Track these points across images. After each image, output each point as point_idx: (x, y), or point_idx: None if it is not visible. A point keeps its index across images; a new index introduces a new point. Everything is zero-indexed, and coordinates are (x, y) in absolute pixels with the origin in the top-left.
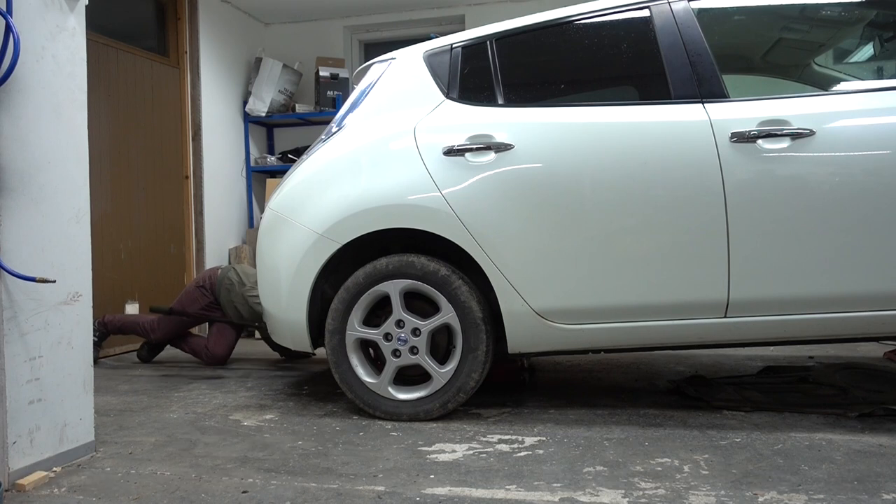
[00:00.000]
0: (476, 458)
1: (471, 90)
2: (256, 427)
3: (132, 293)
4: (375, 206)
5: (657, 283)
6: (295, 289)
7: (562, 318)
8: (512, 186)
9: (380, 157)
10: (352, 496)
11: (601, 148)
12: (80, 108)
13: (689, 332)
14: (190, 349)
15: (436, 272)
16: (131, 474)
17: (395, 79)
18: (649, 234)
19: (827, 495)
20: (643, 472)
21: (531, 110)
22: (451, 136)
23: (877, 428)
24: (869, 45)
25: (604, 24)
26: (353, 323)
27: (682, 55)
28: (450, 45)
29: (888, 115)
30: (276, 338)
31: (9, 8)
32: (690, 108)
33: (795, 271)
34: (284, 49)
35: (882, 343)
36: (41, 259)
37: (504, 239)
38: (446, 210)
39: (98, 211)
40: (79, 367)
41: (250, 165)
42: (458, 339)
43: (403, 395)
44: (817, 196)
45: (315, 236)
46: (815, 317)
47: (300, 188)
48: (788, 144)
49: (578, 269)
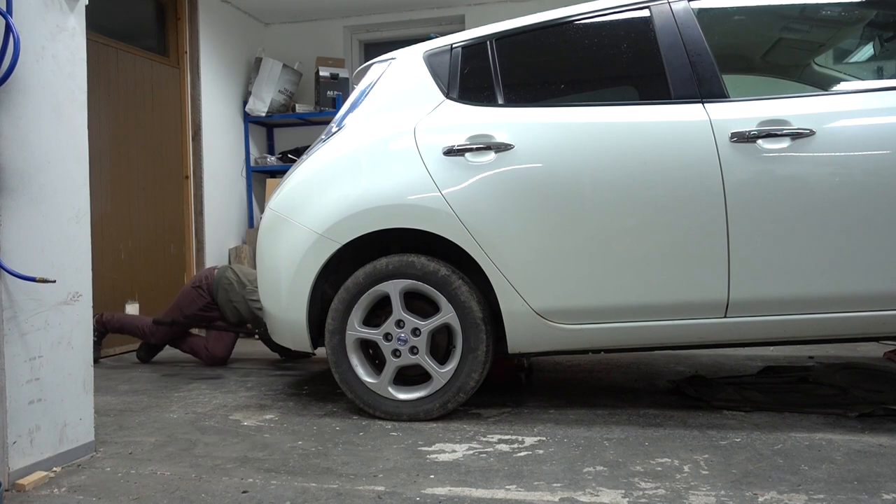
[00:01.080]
0: (476, 458)
1: (471, 90)
2: (256, 427)
3: (132, 293)
4: (375, 206)
5: (657, 283)
6: (295, 289)
7: (562, 318)
8: (512, 186)
9: (380, 157)
10: (352, 496)
11: (601, 148)
12: (80, 108)
13: (690, 332)
14: (189, 349)
15: (436, 272)
16: (131, 474)
17: (395, 79)
18: (649, 234)
19: (827, 495)
20: (643, 472)
21: (531, 110)
22: (451, 136)
23: (877, 428)
24: (869, 45)
25: (604, 24)
26: (353, 323)
27: (682, 55)
28: (450, 45)
29: (888, 115)
30: (276, 338)
31: (9, 8)
32: (690, 108)
33: (795, 271)
34: (284, 49)
35: (882, 343)
36: (41, 259)
37: (504, 239)
38: (446, 210)
39: (98, 211)
40: (79, 367)
41: (250, 165)
42: (458, 339)
43: (403, 395)
44: (817, 196)
45: (315, 236)
46: (815, 317)
47: (300, 188)
48: (788, 144)
49: (578, 269)
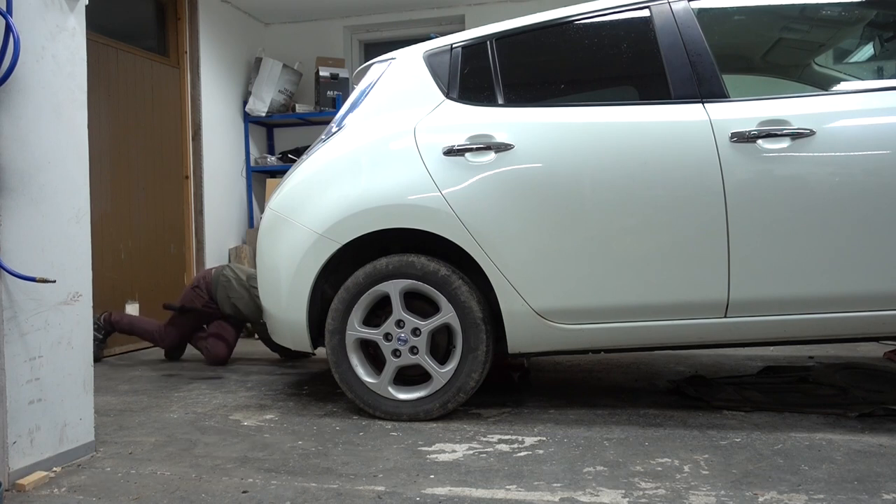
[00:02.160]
0: (476, 458)
1: (471, 90)
2: (256, 427)
3: (132, 293)
4: (375, 206)
5: (657, 283)
6: (295, 289)
7: (562, 317)
8: (512, 186)
9: (380, 157)
10: (352, 496)
11: (601, 148)
12: (80, 107)
13: (689, 332)
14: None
15: (436, 272)
16: (131, 474)
17: (395, 79)
18: (649, 234)
19: (827, 495)
20: (643, 472)
21: (531, 110)
22: (451, 136)
23: (877, 428)
24: (869, 45)
25: (604, 24)
26: (353, 323)
27: (682, 55)
28: (450, 45)
29: (888, 115)
30: (276, 338)
31: (9, 8)
32: (690, 108)
33: (795, 271)
34: (284, 49)
35: (882, 343)
36: (41, 259)
37: (504, 239)
38: (446, 210)
39: (98, 211)
40: (79, 367)
41: (250, 165)
42: (458, 339)
43: (403, 395)
44: (817, 196)
45: (315, 236)
46: (815, 317)
47: (300, 188)
48: (788, 144)
49: (578, 269)
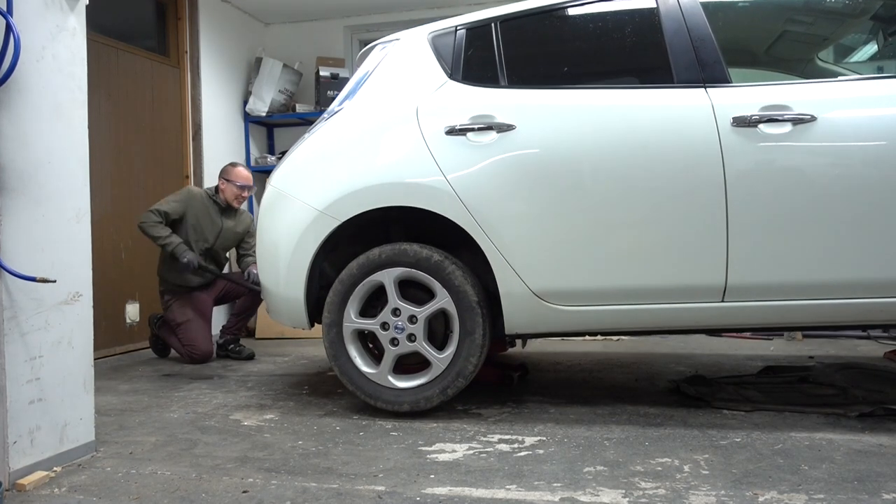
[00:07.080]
0: (476, 457)
1: (474, 71)
2: (257, 427)
3: (132, 293)
4: (376, 183)
5: (655, 266)
6: (294, 265)
7: (559, 299)
8: (513, 166)
9: (382, 136)
10: (352, 496)
11: (602, 129)
12: (80, 107)
13: (687, 316)
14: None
15: (428, 258)
16: (131, 474)
17: (399, 59)
18: (649, 216)
19: (827, 495)
20: (643, 471)
21: (534, 92)
22: (454, 116)
23: (877, 428)
24: (872, 42)
25: (607, 8)
26: (349, 314)
27: (686, 40)
28: (454, 27)
29: (889, 103)
30: (273, 315)
31: (9, 8)
32: (693, 93)
33: (794, 256)
34: (284, 49)
35: (882, 343)
36: (41, 259)
37: (504, 218)
38: (447, 189)
39: (98, 211)
40: (79, 367)
41: (250, 165)
42: (454, 323)
43: (403, 383)
44: (817, 181)
45: (315, 213)
46: (813, 303)
47: (302, 164)
48: (789, 130)
49: (577, 251)
